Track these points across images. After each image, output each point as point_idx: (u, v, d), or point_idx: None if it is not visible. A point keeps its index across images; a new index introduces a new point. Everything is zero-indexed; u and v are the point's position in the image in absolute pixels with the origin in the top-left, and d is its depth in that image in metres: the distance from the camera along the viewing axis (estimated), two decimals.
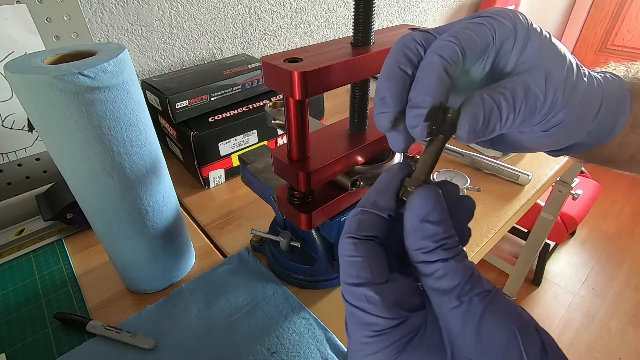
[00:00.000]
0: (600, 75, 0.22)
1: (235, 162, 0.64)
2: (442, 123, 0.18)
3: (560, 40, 0.21)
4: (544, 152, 0.25)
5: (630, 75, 0.24)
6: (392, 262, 0.18)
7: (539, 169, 0.67)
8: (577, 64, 0.21)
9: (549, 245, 1.60)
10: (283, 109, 0.33)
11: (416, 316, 0.17)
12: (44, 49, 0.52)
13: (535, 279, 1.67)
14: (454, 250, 0.16)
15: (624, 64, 0.26)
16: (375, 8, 0.30)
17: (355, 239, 0.18)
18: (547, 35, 0.20)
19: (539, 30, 0.20)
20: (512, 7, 1.49)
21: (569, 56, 0.20)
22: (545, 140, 0.22)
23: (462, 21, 0.20)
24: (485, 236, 0.53)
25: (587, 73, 0.21)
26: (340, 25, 1.06)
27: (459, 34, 0.18)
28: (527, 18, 0.20)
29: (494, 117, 0.18)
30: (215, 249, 0.51)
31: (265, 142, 0.66)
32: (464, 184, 0.61)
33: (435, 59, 0.18)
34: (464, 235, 0.20)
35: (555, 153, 0.26)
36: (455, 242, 0.17)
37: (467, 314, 0.15)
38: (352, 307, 0.17)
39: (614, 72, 0.24)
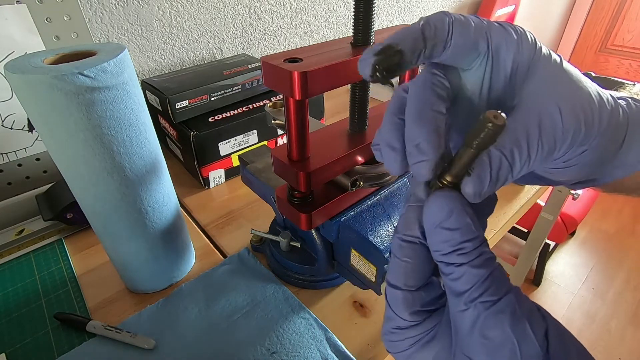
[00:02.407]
0: (623, 102, 0.20)
1: (235, 162, 0.64)
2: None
3: (560, 42, 0.20)
4: (565, 185, 0.23)
5: None
6: None
7: None
8: (597, 90, 0.19)
9: (549, 245, 1.60)
10: (283, 109, 0.33)
11: (435, 315, 0.18)
12: (44, 49, 0.52)
13: (535, 279, 1.67)
14: (470, 254, 0.16)
15: None
16: (375, 8, 0.30)
17: (401, 241, 0.18)
18: (558, 60, 0.18)
19: (548, 54, 0.18)
20: (512, 8, 1.49)
21: (587, 81, 0.18)
22: (565, 173, 0.20)
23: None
24: (486, 236, 0.53)
25: (609, 99, 0.19)
26: (340, 25, 1.06)
27: (455, 14, 0.18)
28: (537, 39, 0.18)
29: (504, 172, 0.16)
30: (215, 249, 0.51)
31: (265, 142, 0.66)
32: None
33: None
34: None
35: (576, 186, 0.23)
36: (475, 244, 0.16)
37: (473, 318, 0.15)
38: (386, 299, 0.18)
39: (636, 97, 0.21)
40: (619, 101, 0.20)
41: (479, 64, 0.19)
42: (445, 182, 0.17)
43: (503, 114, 0.14)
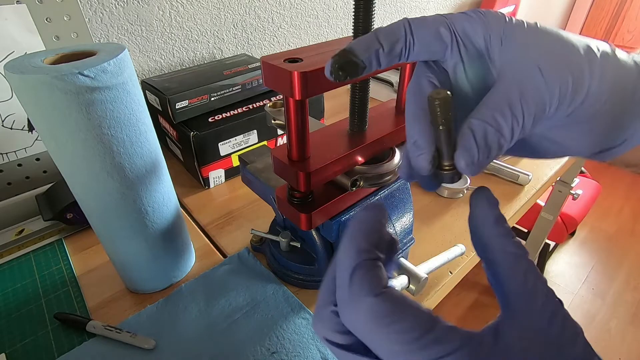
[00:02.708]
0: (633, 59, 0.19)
1: (235, 162, 0.64)
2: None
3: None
4: (585, 156, 0.22)
5: None
6: None
7: (539, 169, 0.67)
8: (586, 43, 0.18)
9: (549, 245, 1.60)
10: (283, 109, 0.33)
11: None
12: (44, 49, 0.52)
13: None
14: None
15: None
16: (375, 8, 0.30)
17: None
18: (533, 24, 0.19)
19: (524, 24, 0.18)
20: (512, 8, 1.49)
21: (570, 36, 0.18)
22: (575, 135, 0.20)
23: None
24: None
25: (607, 51, 0.18)
26: (340, 25, 1.06)
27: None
28: (509, 16, 0.19)
29: (492, 138, 0.17)
30: (215, 249, 0.51)
31: (265, 142, 0.66)
32: (464, 184, 0.61)
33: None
34: None
35: (596, 156, 0.22)
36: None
37: None
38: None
39: None
40: (629, 57, 0.19)
41: (450, 52, 0.19)
42: (446, 168, 0.18)
43: (443, 90, 0.16)
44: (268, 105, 0.44)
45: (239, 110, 0.62)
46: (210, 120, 0.60)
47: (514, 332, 0.15)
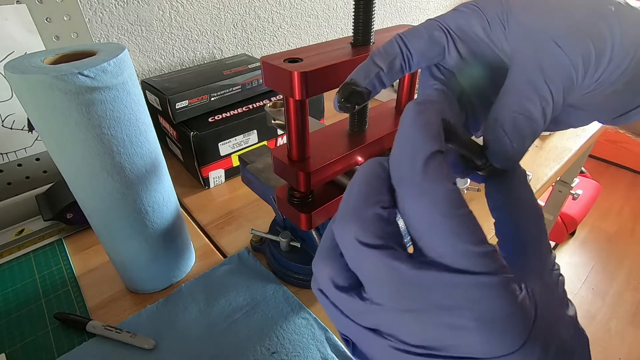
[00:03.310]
0: None
1: (235, 162, 0.64)
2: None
3: None
4: (606, 120, 0.21)
5: None
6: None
7: (539, 169, 0.67)
8: (608, 1, 0.17)
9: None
10: (283, 109, 0.33)
11: None
12: (44, 49, 0.52)
13: None
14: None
15: None
16: (375, 8, 0.30)
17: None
18: None
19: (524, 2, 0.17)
20: None
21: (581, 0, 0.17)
22: (605, 101, 0.19)
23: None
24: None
25: (622, 2, 0.17)
26: (340, 25, 1.06)
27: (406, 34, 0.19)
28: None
29: (524, 126, 0.16)
30: (215, 249, 0.51)
31: (265, 142, 0.66)
32: (464, 184, 0.61)
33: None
34: None
35: (617, 120, 0.21)
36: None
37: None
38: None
39: None
40: None
41: (448, 52, 0.19)
42: (482, 166, 0.18)
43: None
44: (268, 105, 0.44)
45: (239, 110, 0.62)
46: (210, 120, 0.60)
47: (530, 286, 0.15)
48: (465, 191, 0.60)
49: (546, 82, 0.16)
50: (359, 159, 0.36)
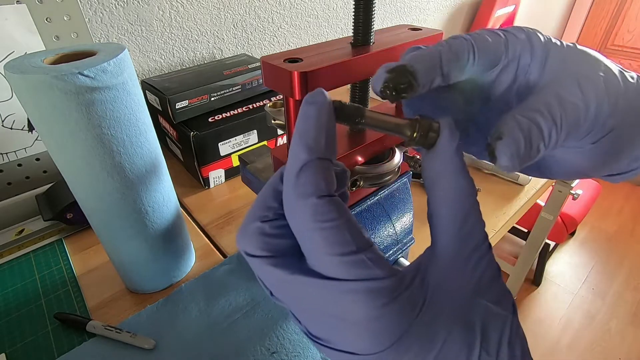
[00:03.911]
0: None
1: (235, 162, 0.64)
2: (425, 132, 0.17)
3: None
4: (603, 177, 0.22)
5: None
6: None
7: None
8: (618, 68, 0.19)
9: (549, 245, 1.60)
10: (283, 109, 0.33)
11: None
12: (44, 49, 0.52)
13: (535, 279, 1.67)
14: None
15: None
16: (375, 8, 0.30)
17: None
18: (571, 45, 0.19)
19: (559, 43, 0.19)
20: (512, 8, 1.49)
21: (605, 59, 0.19)
22: (598, 158, 0.20)
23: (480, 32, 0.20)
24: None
25: (634, 77, 0.19)
26: (340, 25, 1.06)
27: (474, 35, 0.19)
28: (545, 35, 0.19)
29: (535, 136, 0.17)
30: (215, 249, 0.51)
31: (265, 142, 0.66)
32: None
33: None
34: None
35: (613, 178, 0.23)
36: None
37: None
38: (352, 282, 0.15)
39: None
40: None
41: (497, 71, 0.20)
42: (407, 143, 0.18)
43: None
44: (268, 105, 0.44)
45: (239, 110, 0.62)
46: (210, 120, 0.60)
47: (436, 271, 0.16)
48: None
49: (560, 112, 0.17)
50: (359, 158, 0.36)
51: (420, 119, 0.17)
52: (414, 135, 0.17)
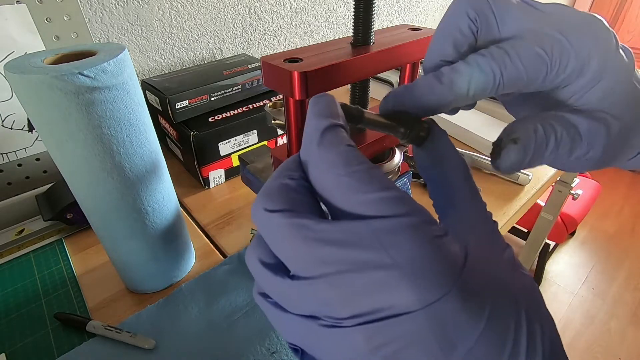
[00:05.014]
0: None
1: (235, 162, 0.64)
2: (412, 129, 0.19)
3: None
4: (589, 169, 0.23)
5: None
6: None
7: (539, 169, 0.67)
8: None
9: (549, 245, 1.60)
10: (283, 109, 0.33)
11: None
12: (44, 49, 0.52)
13: (535, 279, 1.67)
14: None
15: None
16: (375, 8, 0.30)
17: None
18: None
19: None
20: None
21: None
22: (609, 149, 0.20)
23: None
24: None
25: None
26: (340, 25, 1.06)
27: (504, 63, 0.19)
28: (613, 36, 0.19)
29: (540, 152, 0.18)
30: (215, 249, 0.51)
31: (265, 142, 0.66)
32: None
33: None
34: None
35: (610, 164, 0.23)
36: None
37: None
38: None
39: None
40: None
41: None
42: (403, 139, 0.20)
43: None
44: (268, 105, 0.44)
45: (239, 110, 0.62)
46: (210, 120, 0.60)
47: (466, 234, 0.16)
48: None
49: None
50: None
51: (411, 118, 0.19)
52: (407, 132, 0.19)
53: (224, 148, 0.60)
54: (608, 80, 0.19)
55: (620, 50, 0.19)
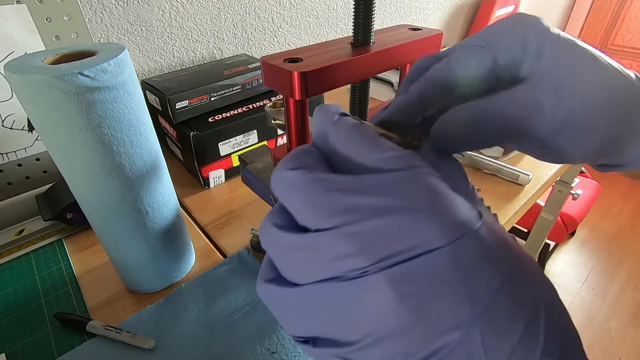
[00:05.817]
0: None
1: (235, 162, 0.64)
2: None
3: None
4: (600, 164, 0.22)
5: None
6: None
7: (539, 169, 0.67)
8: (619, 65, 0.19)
9: (549, 245, 1.60)
10: (283, 109, 0.33)
11: None
12: (44, 49, 0.52)
13: None
14: None
15: None
16: (375, 8, 0.30)
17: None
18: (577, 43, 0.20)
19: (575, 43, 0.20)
20: (512, 8, 1.49)
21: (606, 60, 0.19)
22: (591, 145, 0.20)
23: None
24: None
25: (629, 73, 0.19)
26: (340, 25, 1.06)
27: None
28: (547, 27, 0.20)
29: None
30: (215, 249, 0.51)
31: (265, 142, 0.66)
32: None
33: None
34: None
35: (603, 168, 0.23)
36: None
37: None
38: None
39: None
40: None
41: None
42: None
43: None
44: (268, 105, 0.44)
45: (239, 110, 0.62)
46: (210, 120, 0.60)
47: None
48: None
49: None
50: None
51: (404, 127, 0.21)
52: (401, 141, 0.20)
53: (224, 148, 0.60)
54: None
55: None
